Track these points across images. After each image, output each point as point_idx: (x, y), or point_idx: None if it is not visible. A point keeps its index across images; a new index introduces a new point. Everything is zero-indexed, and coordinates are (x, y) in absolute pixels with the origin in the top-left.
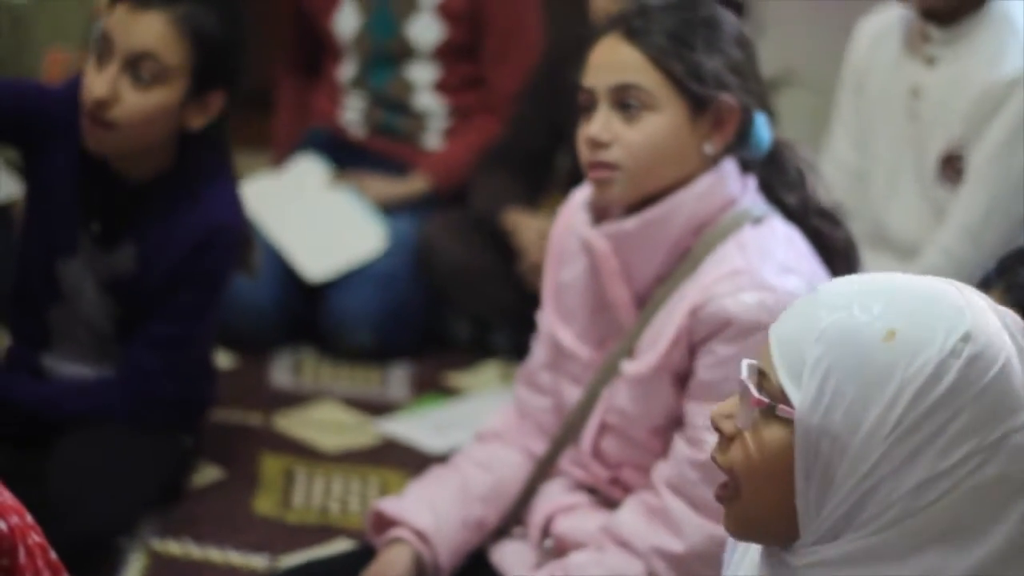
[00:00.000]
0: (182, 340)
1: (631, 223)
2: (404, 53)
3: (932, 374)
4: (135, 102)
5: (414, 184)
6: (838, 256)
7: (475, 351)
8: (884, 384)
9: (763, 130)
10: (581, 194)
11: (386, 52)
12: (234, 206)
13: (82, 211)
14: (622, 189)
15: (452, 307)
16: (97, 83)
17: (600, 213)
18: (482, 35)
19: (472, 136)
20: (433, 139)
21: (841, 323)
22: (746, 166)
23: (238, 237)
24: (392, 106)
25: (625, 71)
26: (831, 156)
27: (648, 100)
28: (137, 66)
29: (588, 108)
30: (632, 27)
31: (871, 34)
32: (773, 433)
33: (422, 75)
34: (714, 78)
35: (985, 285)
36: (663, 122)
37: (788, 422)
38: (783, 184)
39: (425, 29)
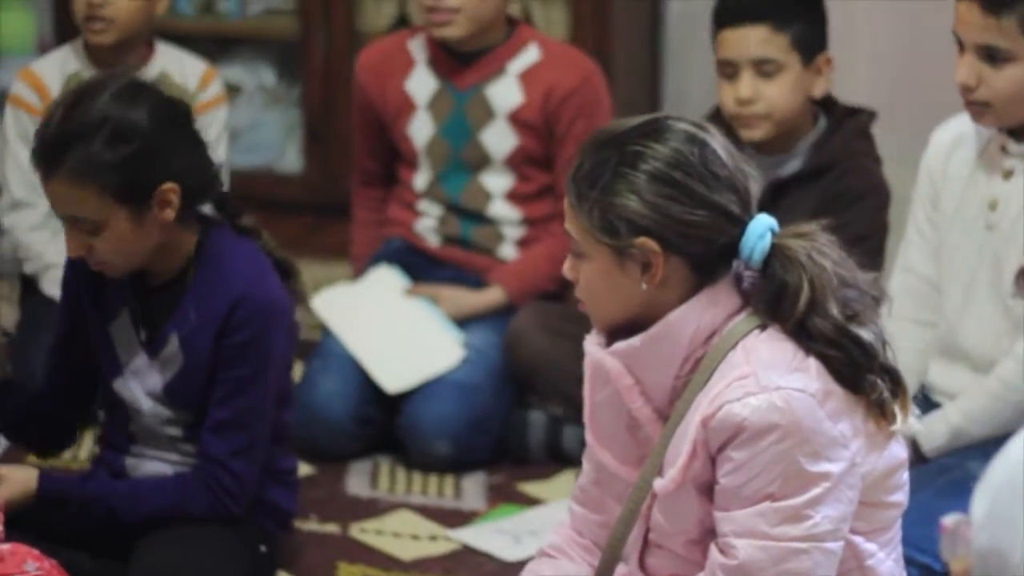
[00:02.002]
0: (241, 421)
1: (638, 340)
2: (479, 161)
3: None
4: (101, 247)
5: (490, 295)
6: (840, 369)
7: (549, 461)
8: None
9: (753, 241)
10: None
11: (461, 160)
12: (253, 276)
13: (132, 324)
14: (592, 320)
15: (536, 393)
16: (68, 245)
17: (612, 336)
18: (556, 145)
19: (547, 246)
20: (507, 249)
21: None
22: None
23: (263, 305)
24: (466, 215)
25: (566, 218)
26: (906, 264)
27: (579, 249)
28: (79, 225)
29: None
30: (570, 174)
31: (947, 143)
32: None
33: (496, 183)
34: (627, 223)
35: None
36: (592, 269)
37: None
38: (768, 294)
39: (499, 137)
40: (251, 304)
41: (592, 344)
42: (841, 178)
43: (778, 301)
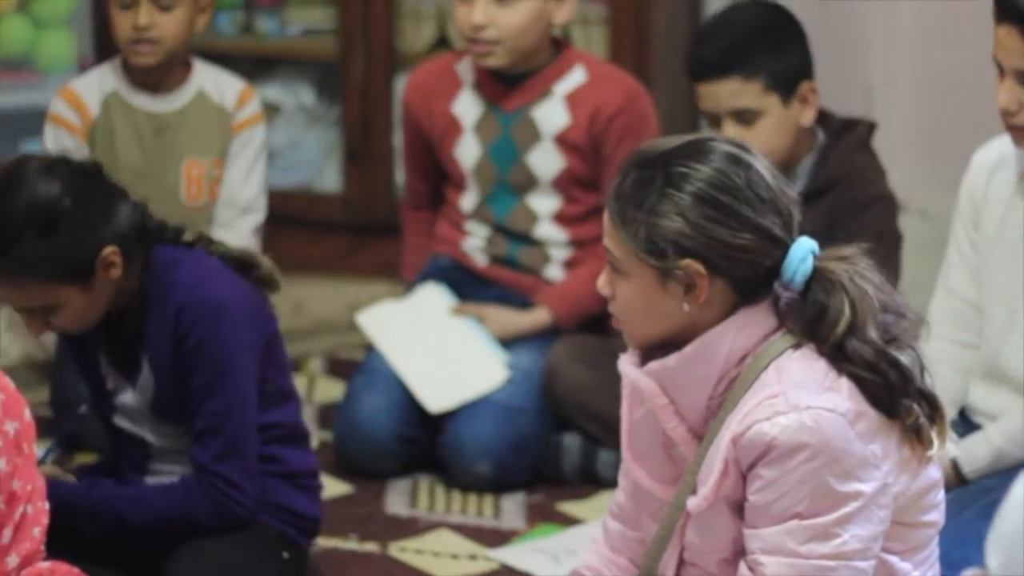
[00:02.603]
0: (214, 425)
1: (672, 359)
2: (526, 183)
3: None
4: (59, 321)
5: (536, 316)
6: (876, 392)
7: (587, 481)
8: None
9: (796, 264)
10: None
11: (507, 182)
12: (193, 281)
13: (110, 363)
14: (626, 337)
15: (574, 427)
16: (27, 327)
17: (646, 353)
18: (603, 166)
19: (594, 268)
20: (554, 270)
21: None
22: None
23: (207, 308)
24: (514, 236)
25: (607, 235)
26: (947, 286)
27: (619, 266)
28: (33, 312)
29: None
30: (611, 192)
31: (987, 165)
32: None
33: (543, 205)
34: (673, 245)
35: None
36: (632, 287)
37: None
38: (807, 316)
39: (546, 159)
40: (193, 309)
41: (627, 364)
42: (846, 192)
43: (817, 323)
